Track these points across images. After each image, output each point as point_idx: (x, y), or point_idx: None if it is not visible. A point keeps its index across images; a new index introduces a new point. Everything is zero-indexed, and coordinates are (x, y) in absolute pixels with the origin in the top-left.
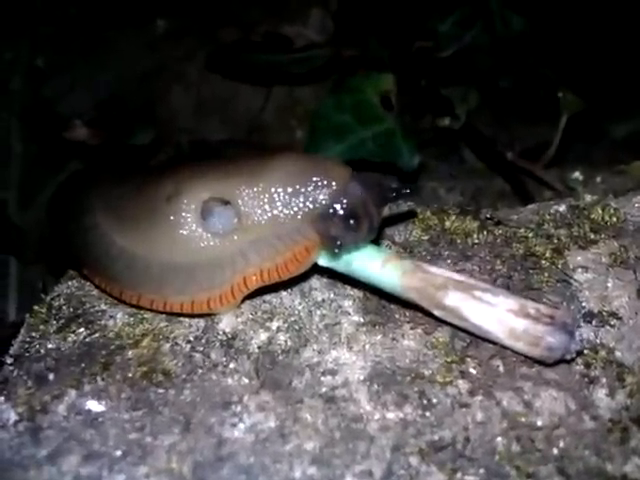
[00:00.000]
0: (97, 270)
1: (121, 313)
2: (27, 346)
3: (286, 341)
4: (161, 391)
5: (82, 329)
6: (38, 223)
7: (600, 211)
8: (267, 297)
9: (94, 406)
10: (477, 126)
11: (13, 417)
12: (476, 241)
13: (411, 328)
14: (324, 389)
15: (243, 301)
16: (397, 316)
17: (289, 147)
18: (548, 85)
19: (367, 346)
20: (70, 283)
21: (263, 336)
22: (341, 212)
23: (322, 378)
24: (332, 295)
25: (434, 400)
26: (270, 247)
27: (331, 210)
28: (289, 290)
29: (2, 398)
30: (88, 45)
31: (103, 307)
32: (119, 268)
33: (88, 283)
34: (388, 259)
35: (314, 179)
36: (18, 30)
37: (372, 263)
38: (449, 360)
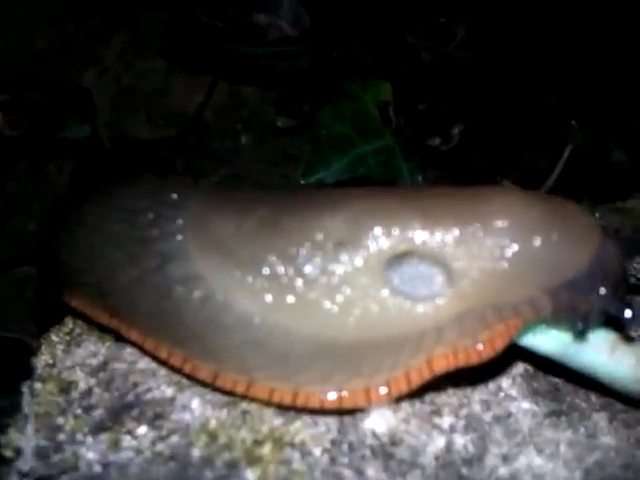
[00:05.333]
0: (172, 338)
1: (199, 401)
2: (53, 457)
3: (466, 446)
4: None
5: (144, 428)
6: None
7: None
8: None
9: None
10: (467, 150)
11: None
12: None
13: (606, 419)
14: None
15: None
16: (578, 401)
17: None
18: (550, 113)
19: (561, 447)
20: (93, 347)
21: (439, 441)
22: (601, 282)
23: None
24: (483, 372)
25: None
26: (478, 319)
27: (585, 279)
28: None
29: None
30: None
31: (167, 391)
32: (230, 343)
33: (128, 349)
34: (616, 341)
35: (561, 231)
36: None
37: (598, 346)
38: None
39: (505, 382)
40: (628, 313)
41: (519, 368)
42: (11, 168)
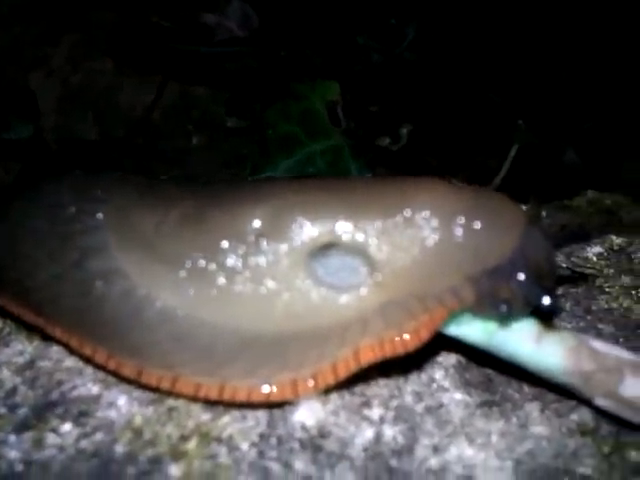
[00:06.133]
0: (96, 334)
1: (125, 398)
2: None
3: (395, 437)
4: None
5: (68, 425)
6: None
7: None
8: None
9: None
10: (417, 150)
11: None
12: (559, 292)
13: (538, 409)
14: None
15: None
16: (511, 392)
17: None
18: (497, 113)
19: (492, 437)
20: (20, 346)
21: (367, 432)
22: (521, 270)
23: None
24: (416, 364)
25: None
26: (402, 309)
27: (507, 266)
28: None
29: None
30: None
31: (93, 388)
32: (153, 338)
33: (55, 347)
34: (544, 330)
35: (484, 220)
36: None
37: (523, 336)
38: (605, 451)
39: (438, 373)
40: (546, 300)
41: (452, 359)
42: None
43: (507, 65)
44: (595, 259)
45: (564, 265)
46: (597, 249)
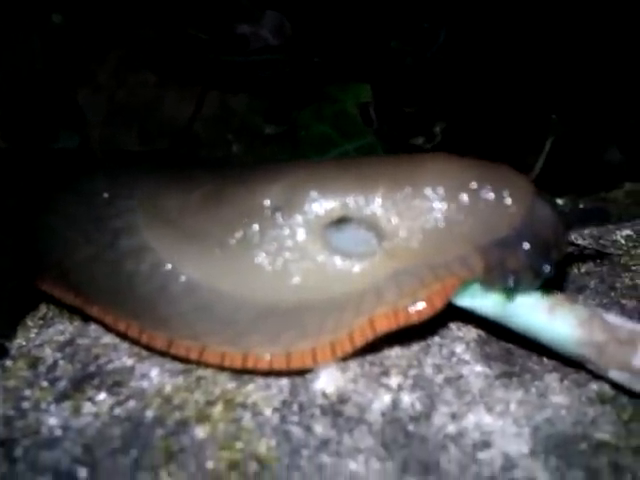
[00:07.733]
0: (128, 310)
1: (157, 370)
2: (17, 423)
3: (413, 404)
4: None
5: (103, 395)
6: None
7: None
8: None
9: None
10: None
11: None
12: (583, 270)
13: (557, 380)
14: (487, 469)
15: None
16: (531, 364)
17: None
18: (533, 109)
19: (511, 406)
20: (62, 327)
21: (385, 398)
22: (528, 240)
23: (476, 454)
24: (438, 338)
25: (629, 474)
26: (415, 278)
27: (515, 236)
28: None
29: None
30: None
31: (127, 362)
32: (180, 310)
33: (93, 326)
34: (556, 303)
35: (491, 191)
36: None
37: (536, 307)
38: (625, 418)
39: (459, 347)
40: (546, 268)
41: (473, 334)
42: (9, 182)
43: (542, 61)
44: (623, 241)
45: (590, 246)
46: (626, 232)
